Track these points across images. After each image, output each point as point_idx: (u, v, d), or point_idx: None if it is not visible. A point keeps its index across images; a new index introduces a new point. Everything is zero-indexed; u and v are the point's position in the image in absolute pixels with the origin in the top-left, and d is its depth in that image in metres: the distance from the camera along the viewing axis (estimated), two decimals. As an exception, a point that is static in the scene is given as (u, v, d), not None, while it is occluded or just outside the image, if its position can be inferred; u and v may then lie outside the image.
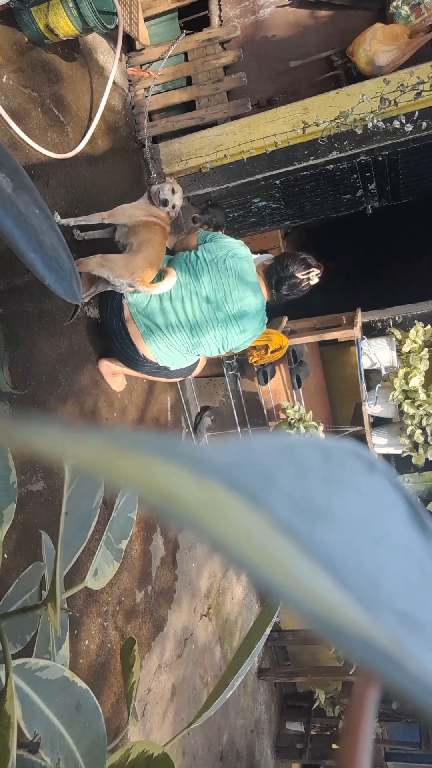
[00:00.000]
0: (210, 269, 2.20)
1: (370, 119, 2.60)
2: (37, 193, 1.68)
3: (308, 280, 2.27)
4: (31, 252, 1.49)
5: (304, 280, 2.27)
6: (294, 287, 2.29)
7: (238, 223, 3.69)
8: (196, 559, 3.26)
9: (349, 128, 2.69)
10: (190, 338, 2.26)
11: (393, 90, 2.58)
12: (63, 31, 2.23)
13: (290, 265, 2.27)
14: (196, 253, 2.24)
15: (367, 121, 2.62)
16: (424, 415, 3.05)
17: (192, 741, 2.98)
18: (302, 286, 2.30)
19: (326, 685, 4.45)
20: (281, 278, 2.28)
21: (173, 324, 2.22)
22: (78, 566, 1.82)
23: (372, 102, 2.60)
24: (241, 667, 0.92)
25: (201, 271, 2.19)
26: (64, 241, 1.74)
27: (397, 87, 2.57)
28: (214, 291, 2.20)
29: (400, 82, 2.57)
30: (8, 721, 0.73)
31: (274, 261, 2.33)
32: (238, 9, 3.02)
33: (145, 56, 3.05)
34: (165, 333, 2.23)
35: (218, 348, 2.32)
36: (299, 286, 2.29)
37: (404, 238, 5.15)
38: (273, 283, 2.30)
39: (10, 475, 1.01)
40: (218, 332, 2.25)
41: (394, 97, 2.58)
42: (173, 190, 2.24)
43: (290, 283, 2.27)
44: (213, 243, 2.25)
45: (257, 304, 2.28)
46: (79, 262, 2.07)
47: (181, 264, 2.24)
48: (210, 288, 2.20)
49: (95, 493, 1.02)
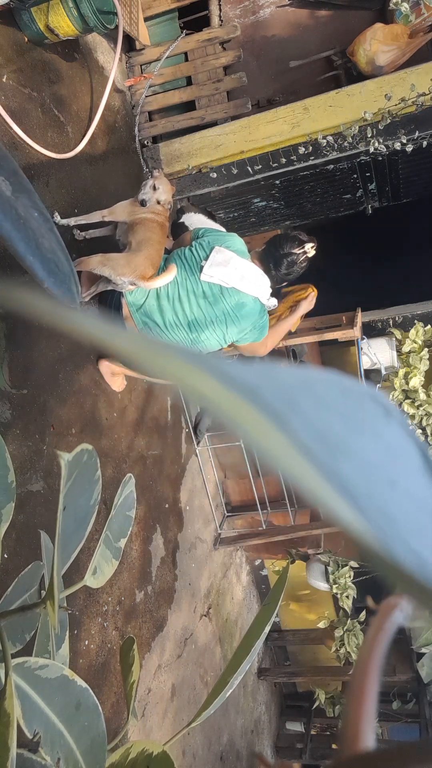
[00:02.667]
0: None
1: (372, 144, 2.64)
2: (36, 196, 1.68)
3: (305, 254, 2.28)
4: (29, 255, 1.50)
5: (301, 254, 2.28)
6: (293, 264, 2.29)
7: (238, 223, 3.69)
8: (196, 559, 3.26)
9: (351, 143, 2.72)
10: (189, 335, 2.26)
11: (395, 104, 2.59)
12: (63, 31, 2.23)
13: (284, 245, 2.27)
14: (190, 249, 2.25)
15: (369, 140, 2.65)
16: (424, 415, 3.05)
17: (192, 741, 2.98)
18: (301, 262, 2.31)
19: (326, 685, 4.45)
20: (278, 259, 2.28)
21: (172, 322, 2.23)
22: (77, 565, 1.82)
23: (374, 116, 2.62)
24: (240, 665, 0.92)
25: (196, 266, 2.20)
26: (62, 243, 1.74)
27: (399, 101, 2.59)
28: (210, 285, 2.20)
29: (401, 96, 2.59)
30: (8, 719, 0.73)
31: (267, 245, 2.32)
32: (238, 9, 3.02)
33: (145, 56, 3.05)
34: (163, 331, 2.24)
35: (219, 342, 2.33)
36: (298, 262, 2.30)
37: (404, 238, 5.14)
38: (271, 265, 2.30)
39: (8, 475, 1.01)
40: (217, 327, 2.26)
41: (396, 111, 2.59)
42: (154, 186, 2.23)
43: (288, 261, 2.27)
44: (206, 238, 2.26)
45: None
46: (80, 262, 2.07)
47: (176, 261, 2.24)
48: (206, 283, 2.20)
49: (93, 489, 1.02)
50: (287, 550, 3.90)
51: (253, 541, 3.64)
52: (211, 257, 2.17)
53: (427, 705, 4.03)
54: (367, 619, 3.67)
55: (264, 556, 4.24)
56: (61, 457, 0.81)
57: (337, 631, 3.71)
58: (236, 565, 4.02)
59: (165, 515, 2.92)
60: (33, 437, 1.93)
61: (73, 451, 0.90)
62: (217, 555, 3.62)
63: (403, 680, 4.12)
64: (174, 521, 3.02)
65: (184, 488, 3.20)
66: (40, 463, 1.94)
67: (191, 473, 3.32)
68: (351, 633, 3.64)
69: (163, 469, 2.96)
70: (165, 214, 2.28)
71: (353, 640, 3.62)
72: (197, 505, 3.39)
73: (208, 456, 3.56)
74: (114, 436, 2.47)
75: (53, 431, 2.04)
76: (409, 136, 2.63)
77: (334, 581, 3.57)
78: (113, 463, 2.44)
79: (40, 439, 1.96)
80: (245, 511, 3.84)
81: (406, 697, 4.16)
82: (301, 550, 3.84)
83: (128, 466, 2.56)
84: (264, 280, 2.26)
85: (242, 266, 2.20)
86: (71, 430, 2.15)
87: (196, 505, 3.36)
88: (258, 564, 4.43)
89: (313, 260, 2.38)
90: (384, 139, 2.66)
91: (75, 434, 2.17)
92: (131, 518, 1.26)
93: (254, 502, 3.60)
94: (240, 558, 4.12)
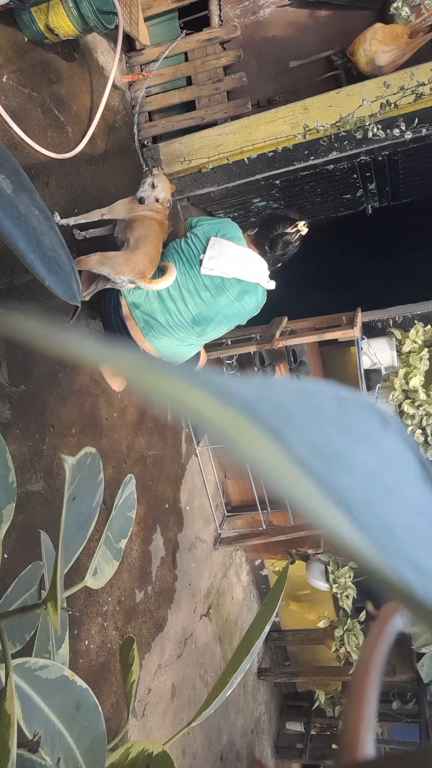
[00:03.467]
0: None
1: (371, 128, 2.62)
2: (36, 194, 1.68)
3: (298, 232, 2.29)
4: (30, 253, 1.49)
5: (295, 233, 2.29)
6: (288, 244, 2.31)
7: (238, 222, 3.68)
8: (196, 559, 3.26)
9: (349, 131, 2.70)
10: (194, 329, 2.27)
11: (394, 92, 2.58)
12: (63, 31, 2.23)
13: (277, 226, 2.28)
14: (186, 241, 2.25)
15: (367, 127, 2.63)
16: (424, 415, 3.05)
17: (192, 741, 2.98)
18: (295, 242, 2.32)
19: (326, 685, 4.45)
20: (273, 240, 2.29)
21: (175, 320, 2.23)
22: (78, 565, 1.82)
23: (373, 105, 2.61)
24: (240, 665, 0.92)
25: (194, 260, 2.21)
26: (63, 242, 1.74)
27: (399, 89, 2.58)
28: (211, 278, 2.21)
29: (401, 84, 2.57)
30: (8, 720, 0.73)
31: (260, 228, 2.33)
32: (238, 9, 3.02)
33: (145, 56, 3.05)
34: (166, 329, 2.24)
35: (225, 330, 2.38)
36: (293, 242, 2.31)
37: (404, 238, 5.14)
38: (267, 248, 2.31)
39: (9, 475, 1.01)
40: (223, 317, 2.28)
41: (395, 100, 2.59)
42: (153, 184, 2.23)
43: (283, 241, 2.29)
44: (200, 228, 2.26)
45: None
46: (79, 261, 2.07)
47: (174, 255, 2.25)
48: (207, 276, 2.21)
49: (96, 492, 1.02)
50: (287, 550, 3.90)
51: (253, 541, 3.64)
52: (208, 249, 2.18)
53: (427, 705, 4.03)
54: (367, 622, 3.67)
55: (264, 556, 4.24)
56: (65, 461, 0.81)
57: (337, 631, 3.71)
58: (236, 565, 4.02)
59: (165, 515, 2.92)
60: (33, 437, 1.93)
61: (77, 455, 0.90)
62: (217, 555, 3.62)
63: (403, 680, 4.13)
64: (174, 521, 3.02)
65: (184, 488, 3.20)
66: (41, 463, 1.94)
67: (191, 473, 3.32)
68: (351, 633, 3.65)
69: (163, 469, 2.96)
70: (164, 213, 2.28)
71: (353, 640, 3.62)
72: (197, 505, 3.39)
73: (208, 456, 3.56)
74: (114, 436, 2.47)
75: (53, 431, 2.04)
76: (409, 126, 2.62)
77: (334, 581, 3.57)
78: (113, 463, 2.45)
79: (40, 439, 1.96)
80: (245, 511, 3.84)
81: (406, 697, 4.16)
82: (301, 550, 3.84)
83: (128, 466, 2.56)
84: (262, 265, 2.28)
85: (240, 254, 2.21)
86: (71, 430, 2.15)
87: (196, 505, 3.36)
88: (258, 564, 4.43)
89: (313, 259, 2.38)
90: (383, 127, 2.65)
91: (75, 434, 2.17)
92: (132, 519, 1.26)
93: (254, 502, 3.60)
94: (240, 558, 4.12)
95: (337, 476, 0.33)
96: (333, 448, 0.35)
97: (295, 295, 3.32)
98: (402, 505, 0.40)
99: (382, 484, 0.40)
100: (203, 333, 2.31)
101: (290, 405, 0.34)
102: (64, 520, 0.84)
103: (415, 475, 0.46)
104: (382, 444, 0.44)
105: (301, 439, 0.32)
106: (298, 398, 0.37)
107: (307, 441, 0.32)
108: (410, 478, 0.45)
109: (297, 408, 0.35)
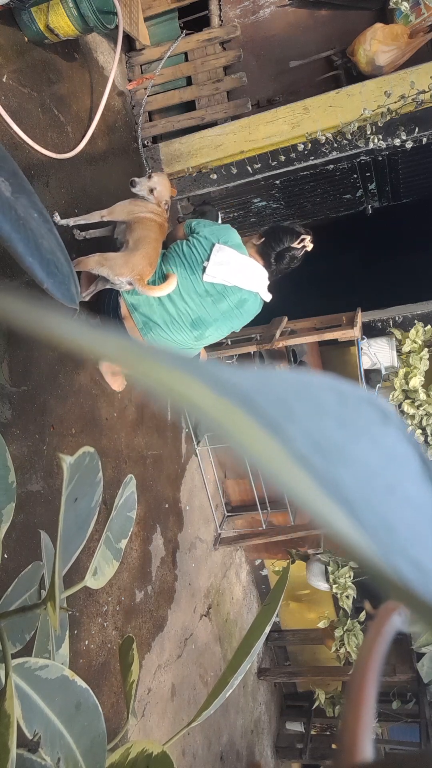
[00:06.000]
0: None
1: (372, 139, 2.63)
2: (35, 197, 1.68)
3: (304, 248, 2.30)
4: (29, 256, 1.49)
5: (301, 249, 2.30)
6: (294, 259, 2.32)
7: (238, 223, 3.68)
8: (196, 559, 3.26)
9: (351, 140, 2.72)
10: (192, 332, 2.27)
11: (395, 101, 2.59)
12: (63, 31, 2.23)
13: (284, 239, 2.28)
14: (188, 244, 2.24)
15: (368, 137, 2.65)
16: (424, 415, 3.06)
17: (192, 741, 2.98)
18: (300, 255, 2.33)
19: (326, 685, 4.45)
20: (280, 253, 2.29)
21: (174, 322, 2.23)
22: (78, 566, 1.82)
23: (373, 114, 2.62)
24: (240, 665, 0.92)
25: (197, 265, 2.20)
26: (62, 244, 1.74)
27: (399, 98, 2.59)
28: (212, 285, 2.21)
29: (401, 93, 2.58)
30: (8, 720, 0.73)
31: (267, 238, 2.33)
32: (238, 9, 3.02)
33: (145, 56, 3.05)
34: (165, 330, 2.24)
35: (223, 335, 2.38)
36: (299, 257, 2.32)
37: (404, 238, 5.14)
38: (273, 260, 2.31)
39: (8, 475, 1.01)
40: (221, 323, 2.29)
41: (395, 108, 2.59)
42: (150, 188, 2.23)
43: (290, 256, 2.30)
44: (202, 232, 2.26)
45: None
46: (78, 262, 2.07)
47: (175, 259, 2.24)
48: (208, 282, 2.21)
49: (94, 491, 1.02)
50: (287, 550, 3.90)
51: (253, 541, 3.64)
52: (212, 256, 2.17)
53: (427, 705, 4.03)
54: (366, 622, 3.67)
55: (264, 556, 4.24)
56: (63, 460, 0.81)
57: (337, 631, 3.71)
58: (236, 565, 4.02)
59: (165, 515, 2.92)
60: (33, 437, 1.93)
61: (75, 454, 0.90)
62: (217, 555, 3.62)
63: (403, 680, 4.13)
64: (174, 521, 3.02)
65: (183, 488, 3.20)
66: (40, 463, 1.94)
67: (191, 473, 3.32)
68: (351, 633, 3.65)
69: (163, 468, 2.96)
70: (164, 215, 2.28)
71: (353, 640, 3.62)
72: (197, 505, 3.39)
73: (208, 456, 3.56)
74: (114, 436, 2.47)
75: (53, 431, 2.04)
76: (409, 135, 2.63)
77: (334, 581, 3.57)
78: (113, 462, 2.44)
79: (40, 439, 1.96)
80: (245, 511, 3.84)
81: (406, 697, 4.16)
82: (301, 550, 3.84)
83: (128, 466, 2.56)
84: (263, 276, 2.28)
85: (244, 264, 2.21)
86: (71, 430, 2.15)
87: (196, 505, 3.36)
88: (258, 564, 4.43)
89: (313, 260, 2.39)
90: (384, 137, 2.66)
91: (75, 434, 2.17)
92: (132, 519, 1.26)
93: (254, 501, 3.60)
94: (240, 558, 4.12)
95: (337, 472, 0.32)
96: (333, 443, 0.35)
97: (295, 295, 3.32)
98: (403, 503, 0.40)
99: (383, 481, 0.39)
100: (201, 337, 2.31)
101: (289, 398, 0.34)
102: (63, 520, 0.84)
103: (415, 472, 0.45)
104: (382, 440, 0.44)
105: (301, 432, 0.31)
106: (298, 391, 0.36)
107: (307, 435, 0.32)
108: (411, 475, 0.45)
109: (296, 401, 0.34)
